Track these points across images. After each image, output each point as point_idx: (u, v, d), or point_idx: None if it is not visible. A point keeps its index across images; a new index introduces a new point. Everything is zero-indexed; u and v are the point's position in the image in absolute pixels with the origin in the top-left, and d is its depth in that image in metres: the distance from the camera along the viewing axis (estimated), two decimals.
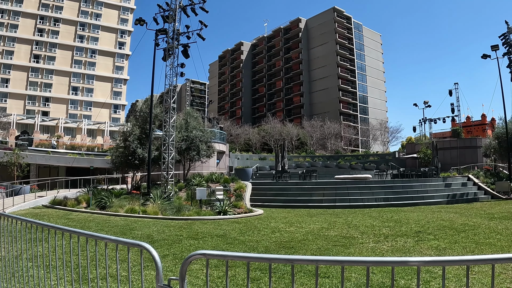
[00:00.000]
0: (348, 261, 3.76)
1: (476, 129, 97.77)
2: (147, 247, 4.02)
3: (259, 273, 8.73)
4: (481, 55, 42.41)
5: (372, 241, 13.33)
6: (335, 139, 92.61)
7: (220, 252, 3.82)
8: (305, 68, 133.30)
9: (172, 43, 28.82)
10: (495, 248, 11.75)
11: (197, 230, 16.25)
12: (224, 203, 23.42)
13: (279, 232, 15.49)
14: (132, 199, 24.83)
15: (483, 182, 36.45)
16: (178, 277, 3.74)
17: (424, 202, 29.52)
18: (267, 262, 3.63)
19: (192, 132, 34.26)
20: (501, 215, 20.78)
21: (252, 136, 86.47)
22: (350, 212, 24.03)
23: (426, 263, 3.42)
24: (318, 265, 3.49)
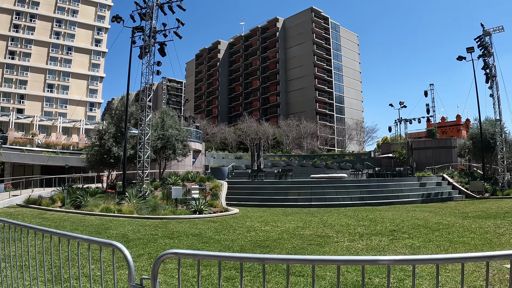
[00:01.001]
0: (318, 260, 3.80)
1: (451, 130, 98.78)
2: (119, 246, 4.02)
3: (235, 272, 8.72)
4: (457, 57, 42.88)
5: (347, 240, 13.40)
6: (311, 138, 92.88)
7: (192, 251, 3.83)
8: (282, 68, 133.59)
9: (149, 41, 28.64)
10: (468, 246, 11.87)
11: (173, 229, 16.21)
12: (199, 202, 23.38)
13: (254, 231, 15.51)
14: (108, 198, 24.67)
15: (457, 182, 36.90)
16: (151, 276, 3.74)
17: (399, 201, 29.78)
18: (238, 261, 3.65)
19: (168, 130, 34.12)
20: (475, 214, 21.06)
21: (228, 135, 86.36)
22: (326, 211, 24.14)
23: (396, 262, 3.47)
24: (289, 264, 3.51)
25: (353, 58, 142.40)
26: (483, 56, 39.88)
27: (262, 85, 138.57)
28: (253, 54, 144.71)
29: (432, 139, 59.08)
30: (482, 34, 40.14)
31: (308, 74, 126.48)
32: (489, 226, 16.01)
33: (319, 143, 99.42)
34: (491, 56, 39.63)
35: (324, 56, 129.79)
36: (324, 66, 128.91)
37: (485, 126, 42.92)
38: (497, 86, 39.51)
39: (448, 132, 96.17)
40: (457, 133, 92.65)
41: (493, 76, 39.46)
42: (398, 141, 68.54)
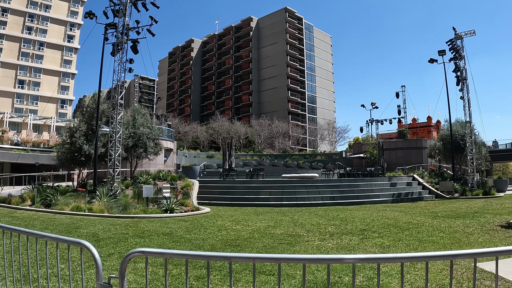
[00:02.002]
0: (283, 259, 3.83)
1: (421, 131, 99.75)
2: (87, 245, 4.01)
3: (205, 271, 8.69)
4: (428, 60, 43.39)
5: (318, 239, 13.44)
6: (283, 138, 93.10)
7: (159, 250, 3.84)
8: (255, 67, 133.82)
9: (122, 38, 28.42)
10: (437, 245, 11.98)
11: (144, 228, 16.13)
12: (171, 201, 23.26)
13: (225, 230, 15.50)
14: (78, 197, 24.40)
15: (427, 182, 37.32)
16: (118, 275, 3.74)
17: (369, 201, 29.96)
18: (205, 259, 3.67)
19: (139, 129, 33.92)
20: (444, 214, 21.31)
21: (200, 134, 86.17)
22: (297, 211, 24.18)
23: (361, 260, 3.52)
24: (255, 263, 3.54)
25: (326, 59, 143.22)
26: (455, 59, 40.41)
27: (234, 84, 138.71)
28: (227, 53, 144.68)
29: (403, 140, 59.63)
30: (454, 38, 40.66)
31: (281, 74, 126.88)
32: (458, 226, 16.21)
33: (291, 142, 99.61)
34: (462, 59, 40.18)
35: (297, 56, 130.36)
36: (297, 66, 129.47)
37: (455, 127, 43.53)
38: (467, 88, 40.06)
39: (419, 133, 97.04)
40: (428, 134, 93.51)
41: (464, 79, 40.00)
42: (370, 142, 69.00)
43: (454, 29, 40.78)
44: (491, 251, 3.58)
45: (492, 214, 20.79)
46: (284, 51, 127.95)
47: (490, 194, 35.45)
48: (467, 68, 40.23)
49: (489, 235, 13.71)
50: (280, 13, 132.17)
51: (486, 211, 22.16)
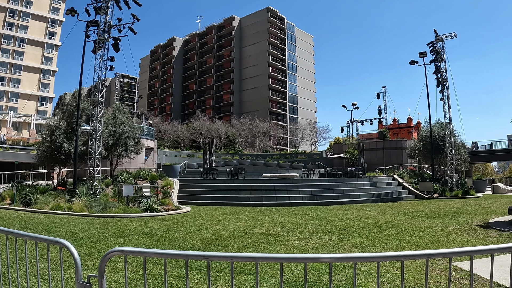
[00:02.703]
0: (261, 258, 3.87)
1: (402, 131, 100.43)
2: (66, 244, 4.02)
3: (184, 270, 8.64)
4: (409, 61, 43.71)
5: (298, 239, 13.48)
6: (263, 137, 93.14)
7: (138, 249, 3.86)
8: (237, 67, 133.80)
9: (103, 35, 28.24)
10: (416, 245, 12.08)
11: (124, 227, 16.07)
12: (151, 200, 23.19)
13: (205, 230, 15.50)
14: (58, 196, 24.22)
15: (407, 182, 37.59)
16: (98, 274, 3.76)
17: (350, 200, 30.10)
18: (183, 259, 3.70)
19: (120, 127, 33.75)
20: (423, 214, 21.50)
21: (181, 133, 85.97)
22: (277, 210, 24.22)
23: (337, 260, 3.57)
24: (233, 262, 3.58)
25: (307, 59, 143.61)
26: (435, 61, 40.72)
27: (216, 83, 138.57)
28: (208, 52, 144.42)
29: (383, 140, 60.04)
30: (435, 40, 40.97)
31: (263, 74, 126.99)
32: (437, 226, 16.37)
33: (271, 142, 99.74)
34: (442, 61, 40.48)
35: (279, 56, 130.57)
36: (278, 66, 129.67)
37: (435, 128, 43.91)
38: (447, 90, 40.37)
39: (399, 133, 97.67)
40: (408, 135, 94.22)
41: (444, 81, 40.30)
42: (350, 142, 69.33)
43: (435, 31, 41.07)
44: (466, 251, 3.65)
45: (471, 214, 21.01)
46: (266, 51, 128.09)
47: (469, 194, 35.86)
48: (447, 70, 40.60)
49: (468, 235, 13.85)
50: (262, 13, 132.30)
51: (465, 211, 22.38)
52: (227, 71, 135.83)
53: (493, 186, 44.99)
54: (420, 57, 42.82)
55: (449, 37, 41.37)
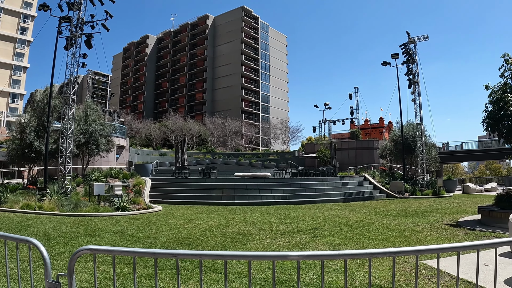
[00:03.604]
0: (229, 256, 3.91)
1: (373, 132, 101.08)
2: (35, 242, 4.01)
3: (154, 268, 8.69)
4: (382, 63, 44.15)
5: (269, 238, 13.51)
6: (236, 136, 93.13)
7: (107, 247, 3.87)
8: (210, 65, 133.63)
9: (76, 32, 27.93)
10: (387, 243, 12.20)
11: (95, 226, 15.97)
12: (122, 199, 23.06)
13: (177, 229, 15.47)
14: (28, 195, 23.95)
15: (378, 182, 37.95)
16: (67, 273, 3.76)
17: (321, 200, 30.28)
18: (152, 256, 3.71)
19: (91, 125, 33.50)
20: (394, 213, 21.74)
21: (153, 131, 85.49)
22: (249, 209, 24.26)
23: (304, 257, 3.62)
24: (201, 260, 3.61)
25: (281, 59, 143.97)
26: (407, 63, 41.15)
27: (189, 82, 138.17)
28: (182, 51, 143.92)
29: (355, 140, 60.45)
30: (407, 42, 41.38)
31: (236, 73, 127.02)
32: (408, 224, 16.57)
33: (244, 141, 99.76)
34: (414, 63, 40.92)
35: (252, 55, 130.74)
36: (251, 65, 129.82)
37: (407, 129, 44.40)
38: (419, 91, 40.81)
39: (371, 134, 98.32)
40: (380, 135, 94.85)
41: (415, 82, 40.73)
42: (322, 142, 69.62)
43: (407, 34, 41.48)
44: (432, 248, 3.73)
45: (441, 213, 21.32)
46: (239, 50, 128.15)
47: (440, 194, 36.37)
48: (419, 71, 41.01)
49: (438, 234, 14.04)
50: (236, 12, 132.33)
51: (435, 210, 22.69)
52: (200, 69, 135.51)
53: (463, 186, 45.68)
54: (392, 59, 43.29)
55: (421, 39, 41.81)
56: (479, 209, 17.80)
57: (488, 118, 17.18)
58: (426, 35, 41.76)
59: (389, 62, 44.00)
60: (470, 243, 3.89)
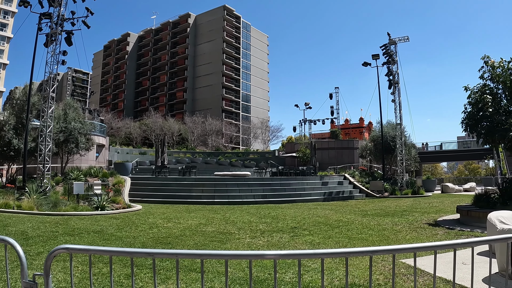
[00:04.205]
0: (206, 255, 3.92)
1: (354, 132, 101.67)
2: (11, 242, 4.00)
3: (135, 269, 8.62)
4: (362, 63, 44.41)
5: (249, 237, 13.54)
6: (216, 136, 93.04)
7: (83, 246, 3.86)
8: (191, 64, 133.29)
9: (56, 28, 27.71)
10: (366, 242, 12.27)
11: (74, 226, 15.87)
12: (102, 198, 22.93)
13: (157, 228, 15.44)
14: (7, 193, 23.67)
15: (358, 181, 38.16)
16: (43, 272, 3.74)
17: (301, 199, 30.39)
18: (128, 256, 3.71)
19: (71, 123, 33.29)
20: (374, 212, 21.87)
21: (133, 130, 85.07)
22: (229, 209, 24.26)
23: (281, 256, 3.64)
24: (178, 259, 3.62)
25: (262, 58, 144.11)
26: (388, 64, 41.40)
27: (169, 80, 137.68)
28: (163, 49, 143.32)
29: (335, 140, 60.74)
30: (388, 43, 41.61)
31: (216, 72, 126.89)
32: (387, 224, 16.69)
33: (224, 140, 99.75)
34: (395, 64, 41.17)
35: (234, 54, 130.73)
36: (233, 64, 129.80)
37: (386, 129, 44.70)
38: (399, 92, 41.07)
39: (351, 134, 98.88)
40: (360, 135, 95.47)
41: (395, 83, 40.98)
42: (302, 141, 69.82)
43: (388, 35, 41.71)
44: (409, 247, 3.79)
45: (420, 212, 21.48)
46: (220, 49, 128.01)
47: (419, 193, 36.65)
48: (399, 72, 41.30)
49: (417, 233, 14.16)
50: (218, 11, 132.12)
51: (415, 210, 22.87)
52: (181, 68, 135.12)
53: (442, 186, 46.12)
54: (373, 59, 43.61)
55: (402, 40, 42.06)
56: (458, 209, 17.99)
57: (467, 119, 17.38)
58: (407, 36, 42.03)
59: (370, 62, 44.35)
60: (447, 242, 3.94)
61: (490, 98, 16.40)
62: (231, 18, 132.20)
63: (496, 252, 7.66)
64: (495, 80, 16.91)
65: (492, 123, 16.13)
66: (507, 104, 16.51)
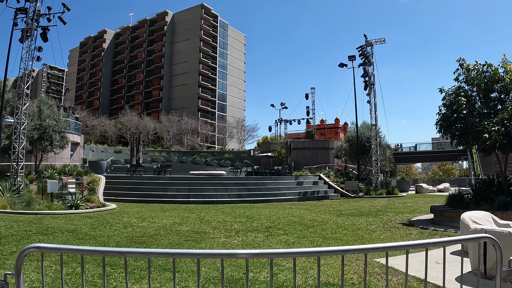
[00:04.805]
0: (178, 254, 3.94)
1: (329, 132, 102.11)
2: None
3: (109, 268, 8.60)
4: (338, 64, 44.71)
5: (224, 236, 13.56)
6: (192, 135, 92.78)
7: (54, 245, 3.85)
8: (167, 62, 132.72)
9: (32, 24, 27.48)
10: (341, 242, 12.35)
11: (48, 225, 15.74)
12: (76, 197, 22.77)
13: (131, 227, 15.39)
14: None
15: (333, 181, 38.41)
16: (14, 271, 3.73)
17: (276, 199, 30.57)
18: (100, 255, 3.71)
19: (45, 121, 33.00)
20: (348, 212, 22.05)
21: (108, 128, 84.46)
22: (204, 208, 24.28)
23: (252, 255, 3.69)
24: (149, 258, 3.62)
25: (238, 58, 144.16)
26: (364, 65, 41.74)
27: (146, 78, 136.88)
28: (139, 47, 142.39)
29: (310, 140, 61.01)
30: (364, 44, 41.91)
31: (193, 70, 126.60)
32: (361, 223, 16.84)
33: (199, 139, 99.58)
34: (371, 65, 41.52)
35: (210, 53, 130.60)
36: (209, 63, 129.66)
37: (362, 130, 45.12)
38: (374, 93, 41.39)
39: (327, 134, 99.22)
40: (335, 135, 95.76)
41: (371, 84, 41.33)
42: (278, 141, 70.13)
43: (365, 36, 42.03)
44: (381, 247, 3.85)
45: (394, 212, 21.72)
46: (197, 48, 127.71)
47: (393, 193, 37.03)
48: (375, 74, 41.73)
49: (391, 232, 14.32)
50: (196, 9, 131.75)
51: (389, 210, 23.11)
52: (158, 66, 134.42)
53: (416, 186, 46.62)
54: (349, 60, 44.00)
55: (378, 42, 42.39)
56: (432, 209, 18.22)
57: (441, 121, 17.59)
58: (383, 38, 42.36)
59: (346, 64, 44.67)
60: (419, 242, 4.01)
61: (465, 100, 16.62)
62: (208, 17, 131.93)
63: (469, 252, 7.80)
64: (469, 83, 17.15)
65: (466, 125, 16.36)
66: (481, 106, 16.77)
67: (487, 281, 6.95)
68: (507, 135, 14.74)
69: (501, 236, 6.94)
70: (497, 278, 3.87)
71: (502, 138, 14.80)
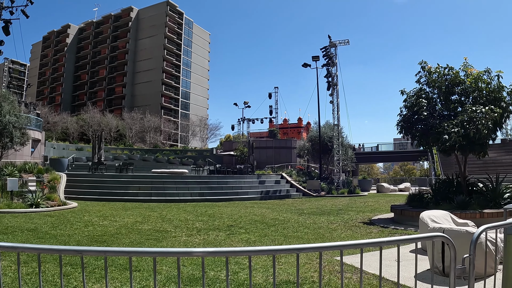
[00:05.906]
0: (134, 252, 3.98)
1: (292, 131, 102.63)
2: None
3: (70, 268, 8.57)
4: (302, 64, 44.97)
5: (185, 235, 13.56)
6: (154, 132, 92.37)
7: (9, 244, 3.83)
8: (131, 59, 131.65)
9: None
10: (302, 240, 12.47)
11: (7, 224, 15.57)
12: (37, 195, 22.54)
13: (92, 226, 15.30)
14: None
15: (295, 180, 38.67)
16: None
17: (238, 197, 30.73)
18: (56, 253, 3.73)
19: (5, 116, 32.49)
20: (310, 211, 22.28)
21: (70, 125, 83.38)
22: (166, 206, 24.27)
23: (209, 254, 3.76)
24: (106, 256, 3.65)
25: (203, 56, 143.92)
26: (327, 65, 42.10)
27: (109, 75, 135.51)
28: (103, 42, 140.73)
29: (273, 139, 61.46)
30: (328, 45, 42.23)
31: (157, 68, 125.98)
32: (323, 222, 17.03)
33: (162, 138, 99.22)
34: (334, 66, 41.91)
35: (175, 51, 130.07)
36: (173, 61, 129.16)
37: (324, 129, 45.53)
38: (337, 94, 41.75)
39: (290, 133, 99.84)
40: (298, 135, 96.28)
41: (334, 85, 41.68)
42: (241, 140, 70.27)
43: (329, 37, 42.40)
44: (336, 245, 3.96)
45: (355, 211, 22.02)
46: (162, 45, 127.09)
47: (355, 193, 37.49)
48: (338, 74, 42.09)
49: (352, 231, 14.53)
50: (161, 6, 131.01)
51: (350, 209, 23.41)
52: (121, 63, 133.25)
53: (378, 186, 47.30)
54: (313, 61, 44.26)
55: (342, 43, 42.83)
56: (392, 208, 18.54)
57: (402, 122, 17.88)
58: (347, 40, 42.81)
59: (310, 64, 44.94)
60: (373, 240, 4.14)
61: (426, 102, 16.94)
62: (174, 14, 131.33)
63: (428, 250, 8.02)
64: (431, 85, 17.48)
65: (427, 126, 16.66)
66: (442, 108, 17.09)
67: (446, 278, 7.15)
68: (466, 137, 15.07)
69: (459, 235, 7.18)
70: (451, 275, 4.04)
71: (461, 140, 15.12)
